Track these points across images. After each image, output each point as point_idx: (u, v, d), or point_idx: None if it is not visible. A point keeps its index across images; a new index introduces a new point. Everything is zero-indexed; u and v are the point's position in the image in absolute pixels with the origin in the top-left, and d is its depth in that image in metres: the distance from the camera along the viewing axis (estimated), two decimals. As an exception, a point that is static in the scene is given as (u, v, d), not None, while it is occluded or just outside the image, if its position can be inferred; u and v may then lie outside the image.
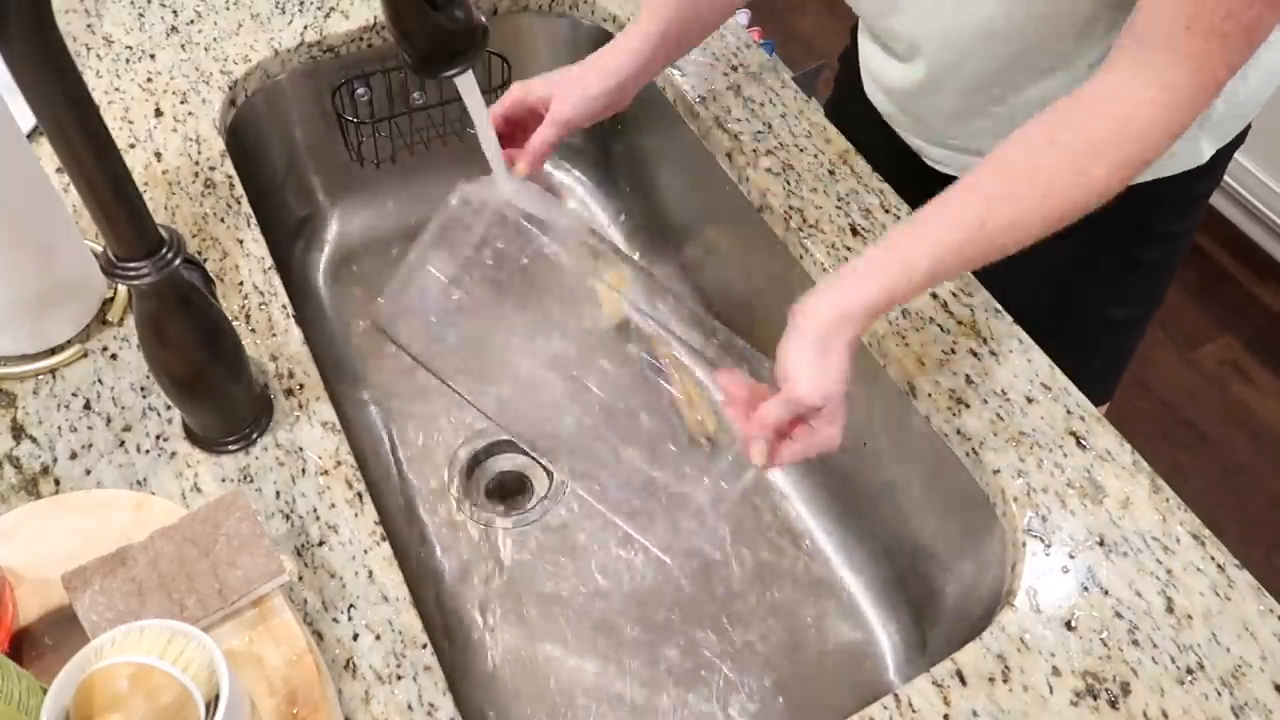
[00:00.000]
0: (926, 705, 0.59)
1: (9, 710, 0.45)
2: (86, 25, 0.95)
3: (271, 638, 0.55)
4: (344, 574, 0.61)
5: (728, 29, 1.00)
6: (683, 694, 0.79)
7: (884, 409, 0.79)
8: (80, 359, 0.70)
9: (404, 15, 0.62)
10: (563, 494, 0.90)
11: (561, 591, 0.84)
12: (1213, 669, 0.61)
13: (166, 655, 0.47)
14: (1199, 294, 2.05)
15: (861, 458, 0.85)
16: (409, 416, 0.95)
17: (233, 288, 0.76)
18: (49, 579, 0.55)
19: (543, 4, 1.04)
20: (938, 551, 0.78)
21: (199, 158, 0.84)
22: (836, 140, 0.90)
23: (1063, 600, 0.63)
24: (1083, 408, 0.73)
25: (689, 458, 0.77)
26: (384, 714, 0.56)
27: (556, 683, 0.79)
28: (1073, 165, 0.60)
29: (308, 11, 0.98)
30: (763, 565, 0.87)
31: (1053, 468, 0.69)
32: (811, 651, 0.83)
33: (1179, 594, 0.64)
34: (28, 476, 0.64)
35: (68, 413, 0.67)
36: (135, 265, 0.52)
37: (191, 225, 0.80)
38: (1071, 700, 0.59)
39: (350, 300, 1.03)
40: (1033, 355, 0.75)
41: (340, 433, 0.68)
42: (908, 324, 0.77)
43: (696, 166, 0.96)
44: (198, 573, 0.54)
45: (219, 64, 0.92)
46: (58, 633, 0.55)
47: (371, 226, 1.09)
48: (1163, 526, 0.67)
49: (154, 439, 0.66)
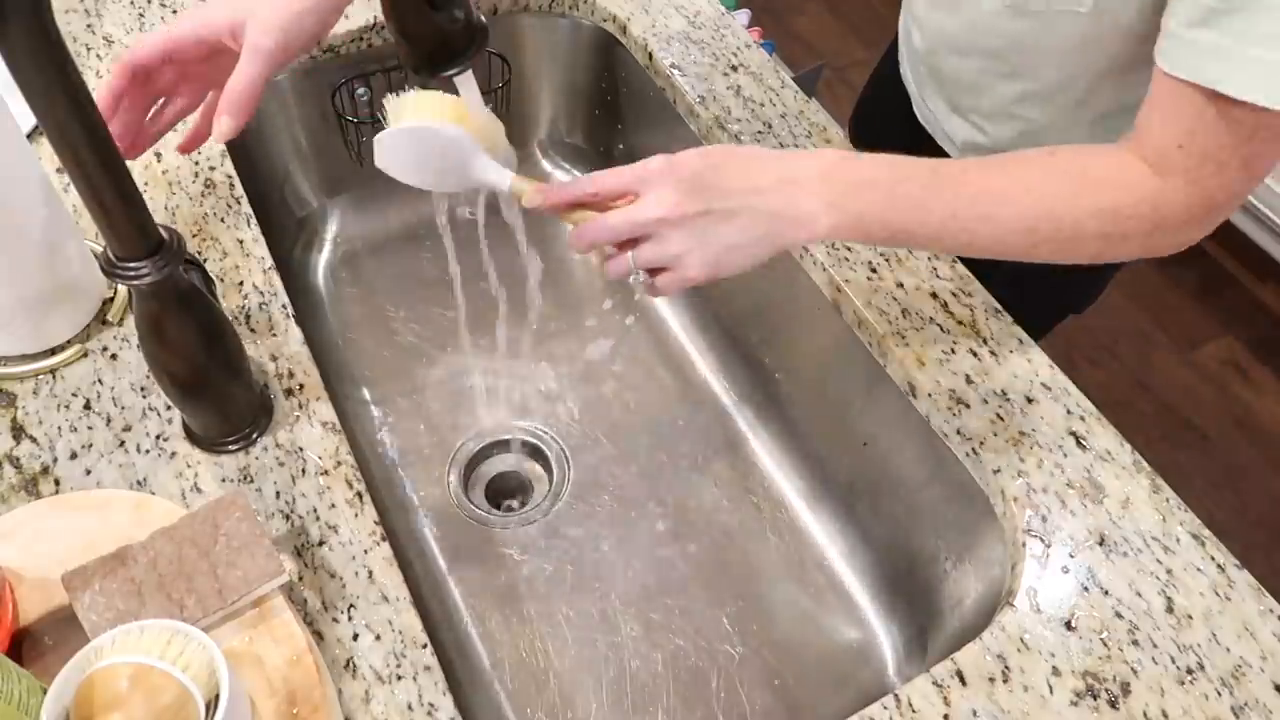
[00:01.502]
0: (926, 705, 0.59)
1: (9, 710, 0.45)
2: (86, 25, 0.95)
3: (271, 638, 0.55)
4: (344, 574, 0.61)
5: (728, 29, 1.00)
6: (683, 694, 0.79)
7: (884, 409, 0.79)
8: (80, 359, 0.70)
9: (404, 15, 0.62)
10: (563, 494, 0.91)
11: (561, 591, 0.84)
12: (1213, 669, 0.61)
13: (166, 655, 0.47)
14: (1199, 294, 2.05)
15: (861, 457, 0.85)
16: (409, 416, 0.95)
17: (233, 288, 0.76)
18: (49, 579, 0.55)
19: (543, 4, 1.04)
20: (938, 551, 0.78)
21: (199, 158, 0.84)
22: (836, 140, 0.90)
23: (1063, 600, 0.63)
24: (1083, 408, 0.73)
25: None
26: (384, 714, 0.56)
27: (556, 683, 0.79)
28: (1065, 179, 0.59)
29: (308, 11, 0.98)
30: (763, 565, 0.87)
31: (1053, 468, 0.69)
32: (811, 651, 0.83)
33: (1179, 594, 0.64)
34: (28, 476, 0.64)
35: (68, 413, 0.67)
36: (135, 265, 0.52)
37: (191, 225, 0.80)
38: (1071, 700, 0.59)
39: (350, 300, 1.03)
40: (1033, 355, 0.75)
41: (340, 433, 0.68)
42: (908, 324, 0.77)
43: (696, 166, 0.96)
44: (197, 573, 0.54)
45: (219, 64, 0.92)
46: (58, 633, 0.55)
47: (371, 226, 1.09)
48: (1163, 526, 0.67)
49: (154, 439, 0.66)
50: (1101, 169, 0.60)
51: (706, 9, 1.02)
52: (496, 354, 1.00)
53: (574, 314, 1.04)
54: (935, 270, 0.80)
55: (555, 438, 0.94)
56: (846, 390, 0.83)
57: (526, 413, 0.96)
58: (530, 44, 1.06)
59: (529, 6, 1.04)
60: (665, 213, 0.55)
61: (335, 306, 1.03)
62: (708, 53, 0.98)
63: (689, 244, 0.56)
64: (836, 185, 0.58)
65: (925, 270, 0.80)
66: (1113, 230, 0.59)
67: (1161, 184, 0.58)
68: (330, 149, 1.03)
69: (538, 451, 0.94)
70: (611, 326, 1.03)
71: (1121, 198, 0.59)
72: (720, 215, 0.56)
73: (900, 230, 0.59)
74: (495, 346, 1.00)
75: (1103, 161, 0.60)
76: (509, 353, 1.00)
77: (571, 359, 1.00)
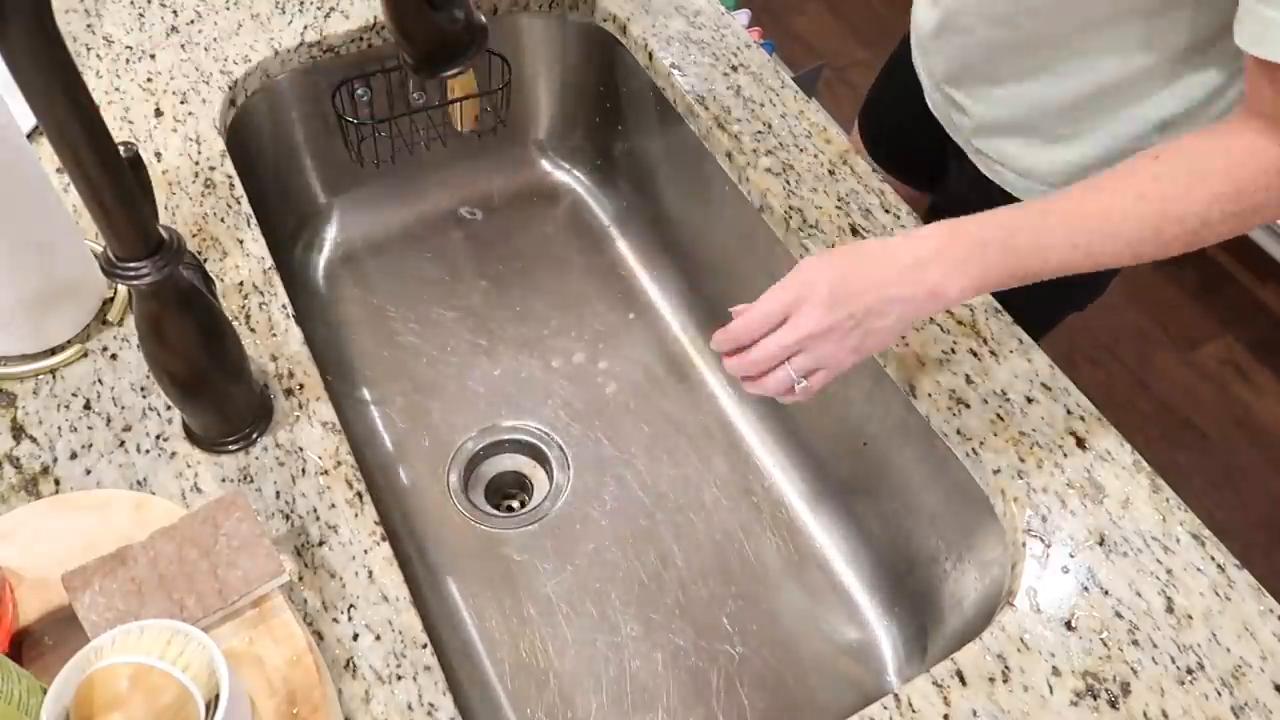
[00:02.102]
0: (926, 705, 0.59)
1: (9, 710, 0.45)
2: (86, 25, 0.95)
3: (271, 638, 0.55)
4: (344, 574, 0.61)
5: (728, 29, 1.00)
6: (683, 694, 0.79)
7: (884, 409, 0.79)
8: (80, 359, 0.70)
9: (404, 15, 0.62)
10: (563, 494, 0.91)
11: (561, 591, 0.84)
12: (1213, 669, 0.61)
13: (166, 655, 0.47)
14: (1199, 294, 2.05)
15: (862, 457, 0.85)
16: (409, 416, 0.95)
17: (233, 288, 0.76)
18: (49, 579, 0.55)
19: (543, 4, 1.04)
20: (938, 551, 0.78)
21: (199, 158, 0.84)
22: (837, 140, 0.90)
23: (1063, 600, 0.63)
24: (1083, 408, 0.73)
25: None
26: (384, 714, 0.56)
27: (556, 683, 0.79)
28: (1173, 179, 0.60)
29: (308, 11, 0.98)
30: (763, 565, 0.87)
31: (1053, 468, 0.69)
32: (811, 651, 0.83)
33: (1179, 594, 0.64)
34: (28, 476, 0.64)
35: (68, 413, 0.67)
36: (135, 265, 0.52)
37: (191, 225, 0.80)
38: (1071, 700, 0.59)
39: (350, 300, 1.03)
40: (1033, 355, 0.75)
41: (340, 433, 0.68)
42: (908, 324, 0.77)
43: (696, 166, 0.96)
44: (198, 573, 0.54)
45: (219, 64, 0.92)
46: (58, 633, 0.55)
47: (371, 226, 1.09)
48: (1163, 526, 0.67)
49: (154, 439, 0.66)
50: (1207, 156, 0.60)
51: (706, 9, 1.02)
52: (496, 354, 1.00)
53: (574, 314, 1.04)
54: (935, 270, 0.80)
55: (555, 437, 0.94)
56: (846, 390, 0.83)
57: (526, 412, 0.96)
58: (530, 44, 1.06)
59: (529, 6, 1.04)
60: (813, 329, 0.60)
61: (335, 306, 1.03)
62: (708, 53, 0.98)
63: (838, 348, 0.61)
64: (955, 256, 0.60)
65: (925, 270, 0.80)
66: (1240, 208, 0.60)
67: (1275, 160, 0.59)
68: (330, 149, 1.03)
69: (538, 451, 0.94)
70: (612, 326, 1.03)
71: (1239, 175, 0.59)
72: (860, 317, 0.61)
73: (1027, 274, 0.61)
74: (495, 346, 1.00)
75: (1208, 146, 0.61)
76: (509, 352, 1.00)
77: (572, 358, 1.00)
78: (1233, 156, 0.60)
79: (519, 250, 1.10)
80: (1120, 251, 0.61)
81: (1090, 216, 0.61)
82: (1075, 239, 0.61)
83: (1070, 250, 0.61)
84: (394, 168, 1.05)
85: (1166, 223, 0.60)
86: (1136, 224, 0.60)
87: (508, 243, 1.11)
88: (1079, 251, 0.61)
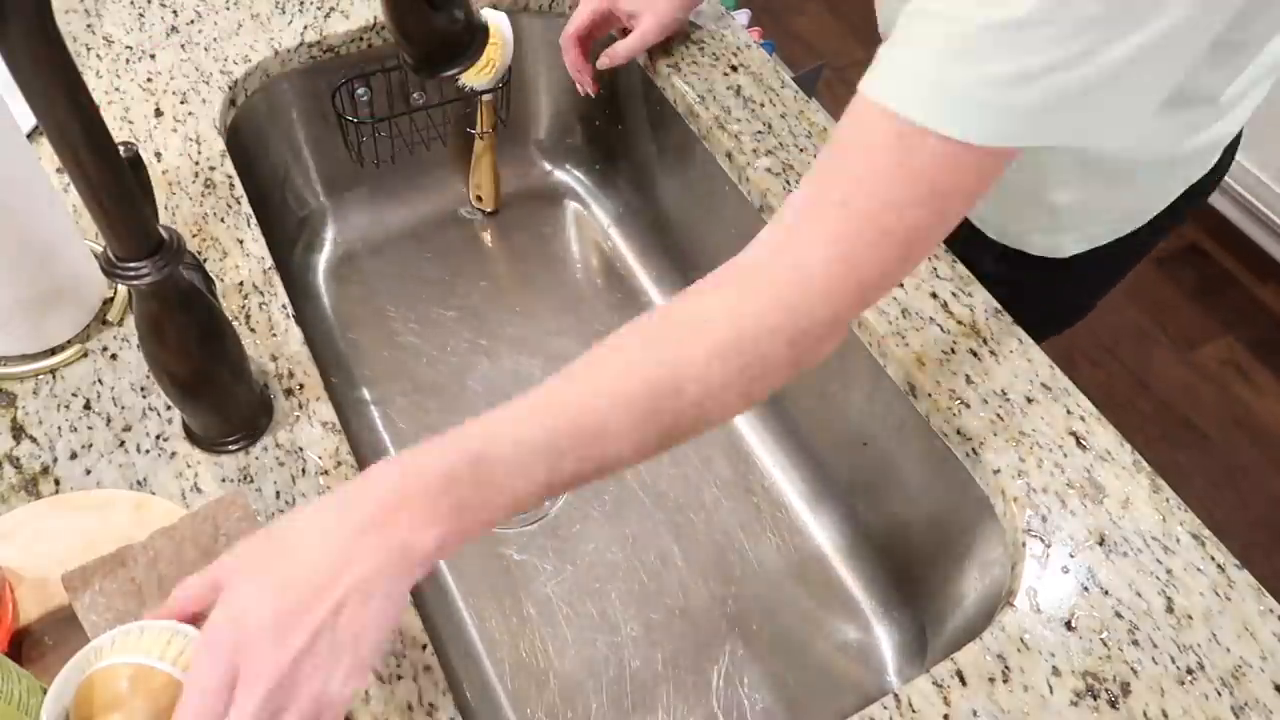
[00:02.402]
0: (926, 705, 0.59)
1: (9, 710, 0.45)
2: (86, 25, 0.95)
3: (271, 638, 0.55)
4: (344, 574, 0.61)
5: (728, 29, 1.00)
6: (683, 693, 0.79)
7: (884, 409, 0.79)
8: (80, 359, 0.70)
9: (404, 15, 0.62)
10: (563, 494, 0.91)
11: (562, 591, 0.84)
12: (1213, 669, 0.61)
13: (166, 655, 0.47)
14: (1199, 294, 2.05)
15: (862, 457, 0.85)
16: (409, 416, 0.95)
17: (233, 288, 0.76)
18: (49, 579, 0.55)
19: (543, 4, 1.04)
20: (938, 551, 0.78)
21: (199, 158, 0.84)
22: (836, 140, 0.90)
23: (1063, 600, 0.63)
24: (1083, 408, 0.73)
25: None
26: (384, 714, 0.56)
27: (556, 683, 0.79)
28: (671, 338, 0.54)
29: (308, 11, 0.98)
30: (762, 565, 0.87)
31: (1053, 468, 0.69)
32: (811, 651, 0.83)
33: (1179, 594, 0.64)
34: (28, 476, 0.64)
35: (68, 413, 0.67)
36: (135, 265, 0.52)
37: (191, 225, 0.80)
38: (1071, 700, 0.59)
39: (350, 300, 1.03)
40: (1033, 355, 0.75)
41: (340, 433, 0.68)
42: (908, 324, 0.77)
43: (696, 166, 0.96)
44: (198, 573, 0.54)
45: (219, 64, 0.92)
46: (58, 633, 0.55)
47: (371, 226, 1.09)
48: (1163, 526, 0.67)
49: (154, 439, 0.66)
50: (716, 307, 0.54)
51: (706, 9, 1.02)
52: (496, 354, 1.00)
53: (574, 314, 1.04)
54: (935, 270, 0.80)
55: (555, 438, 0.94)
56: (846, 390, 0.83)
57: (526, 413, 0.95)
58: (530, 44, 1.06)
59: (529, 6, 1.04)
60: (271, 682, 0.42)
61: (335, 306, 1.03)
62: (708, 53, 0.98)
63: (326, 680, 0.44)
64: (413, 504, 0.45)
65: (925, 270, 0.80)
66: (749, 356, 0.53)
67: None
68: (330, 149, 1.03)
69: (538, 451, 0.94)
70: (611, 326, 1.03)
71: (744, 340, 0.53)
72: (330, 623, 0.43)
73: (519, 498, 0.48)
74: (495, 346, 1.00)
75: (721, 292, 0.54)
76: (509, 352, 1.00)
77: (571, 359, 1.00)
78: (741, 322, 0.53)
79: (519, 250, 1.10)
80: (616, 449, 0.51)
81: (574, 408, 0.51)
82: (559, 444, 0.49)
83: (559, 460, 0.49)
84: (394, 168, 1.05)
85: (663, 398, 0.52)
86: (624, 408, 0.52)
87: (508, 243, 1.11)
88: (570, 460, 0.50)
